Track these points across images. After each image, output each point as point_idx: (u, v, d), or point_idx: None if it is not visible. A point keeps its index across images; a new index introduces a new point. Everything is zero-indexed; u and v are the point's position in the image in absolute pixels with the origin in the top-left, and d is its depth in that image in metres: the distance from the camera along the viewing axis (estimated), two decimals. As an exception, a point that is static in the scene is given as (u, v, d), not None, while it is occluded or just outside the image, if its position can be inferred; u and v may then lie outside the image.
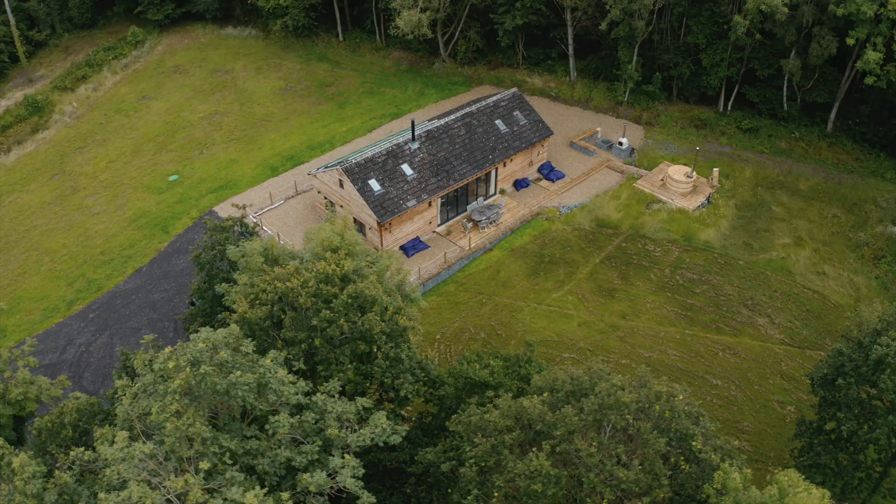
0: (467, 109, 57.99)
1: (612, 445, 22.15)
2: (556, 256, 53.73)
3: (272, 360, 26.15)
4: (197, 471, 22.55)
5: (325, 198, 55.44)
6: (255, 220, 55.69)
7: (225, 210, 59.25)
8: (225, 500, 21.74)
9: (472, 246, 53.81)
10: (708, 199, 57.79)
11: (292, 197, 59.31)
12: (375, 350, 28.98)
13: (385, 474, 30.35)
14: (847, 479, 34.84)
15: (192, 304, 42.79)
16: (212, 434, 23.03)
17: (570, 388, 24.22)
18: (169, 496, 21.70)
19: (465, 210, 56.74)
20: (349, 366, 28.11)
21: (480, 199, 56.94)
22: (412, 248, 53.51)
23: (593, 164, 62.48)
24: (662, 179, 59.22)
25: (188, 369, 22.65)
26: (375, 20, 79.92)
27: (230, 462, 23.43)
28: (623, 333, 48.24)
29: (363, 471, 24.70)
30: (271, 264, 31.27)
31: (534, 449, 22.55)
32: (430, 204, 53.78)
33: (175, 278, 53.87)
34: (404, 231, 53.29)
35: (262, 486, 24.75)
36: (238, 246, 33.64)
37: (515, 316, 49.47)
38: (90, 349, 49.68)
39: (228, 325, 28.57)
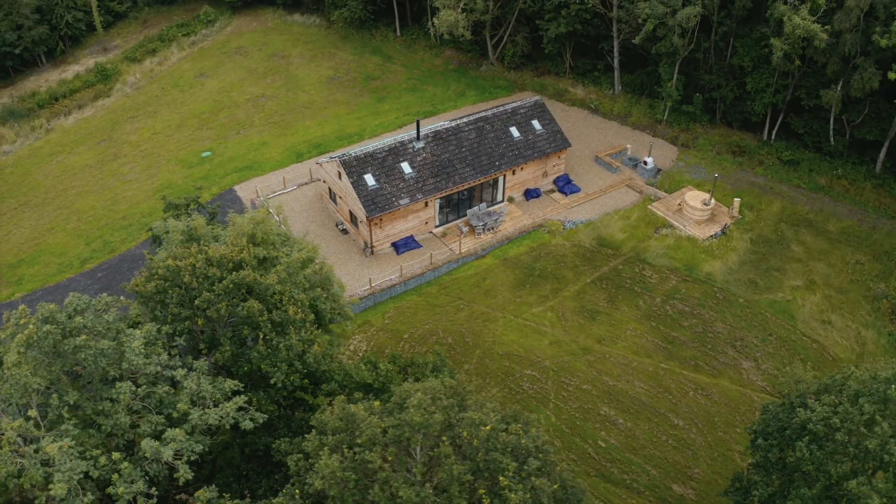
0: (483, 113, 57.34)
1: (412, 463, 21.51)
2: (547, 271, 52.37)
3: (145, 333, 27.07)
4: (28, 418, 23.91)
5: (329, 188, 56.34)
6: (263, 203, 57.22)
7: (244, 189, 61.38)
8: (37, 448, 23.04)
9: (461, 251, 53.24)
10: (723, 229, 54.69)
11: (305, 184, 60.61)
12: (260, 336, 29.36)
13: (265, 459, 30.79)
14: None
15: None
16: (47, 387, 24.30)
17: (398, 400, 23.74)
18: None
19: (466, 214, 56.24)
20: (227, 348, 28.65)
21: (483, 204, 56.22)
22: (403, 245, 53.55)
23: (614, 181, 60.39)
24: (679, 204, 56.53)
25: (31, 326, 23.93)
26: (430, 18, 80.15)
27: (69, 416, 24.57)
28: (594, 358, 46.49)
29: (200, 447, 25.30)
30: (194, 244, 32.18)
31: (326, 448, 22.37)
32: (426, 204, 53.60)
33: (180, 249, 56.21)
34: (397, 228, 53.37)
35: (113, 446, 25.90)
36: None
37: (488, 326, 48.62)
38: (88, 306, 52.66)
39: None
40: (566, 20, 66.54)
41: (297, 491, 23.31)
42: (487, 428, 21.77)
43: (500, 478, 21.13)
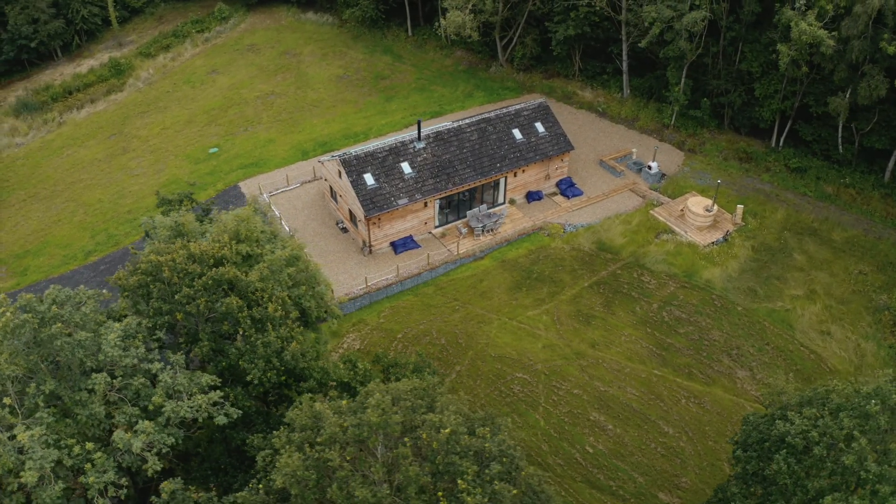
0: (486, 115, 57.22)
1: (373, 462, 21.57)
2: (544, 274, 52.17)
3: (124, 326, 27.42)
4: (3, 406, 24.36)
5: (331, 187, 56.56)
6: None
7: (249, 186, 61.79)
8: (12, 436, 23.46)
9: (459, 252, 53.20)
10: (725, 236, 54.13)
11: (308, 182, 60.90)
12: (239, 333, 29.56)
13: (244, 454, 31.01)
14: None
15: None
16: (28, 376, 24.69)
17: (361, 400, 23.79)
18: None
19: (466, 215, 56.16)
20: (205, 343, 28.89)
21: (484, 206, 56.12)
22: (402, 245, 53.62)
23: (617, 185, 60.00)
24: (682, 210, 56.05)
25: (8, 314, 24.34)
26: (441, 18, 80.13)
27: (44, 405, 24.97)
28: (586, 363, 46.23)
29: (172, 439, 25.58)
30: (179, 239, 32.47)
31: (290, 446, 22.53)
32: (426, 204, 53.62)
33: (182, 244, 56.72)
34: (396, 228, 53.43)
35: (90, 436, 26.31)
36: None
37: (482, 328, 48.53)
38: (90, 298, 53.34)
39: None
40: (575, 22, 66.21)
41: (261, 487, 23.52)
42: (447, 431, 21.74)
43: (459, 481, 21.11)
